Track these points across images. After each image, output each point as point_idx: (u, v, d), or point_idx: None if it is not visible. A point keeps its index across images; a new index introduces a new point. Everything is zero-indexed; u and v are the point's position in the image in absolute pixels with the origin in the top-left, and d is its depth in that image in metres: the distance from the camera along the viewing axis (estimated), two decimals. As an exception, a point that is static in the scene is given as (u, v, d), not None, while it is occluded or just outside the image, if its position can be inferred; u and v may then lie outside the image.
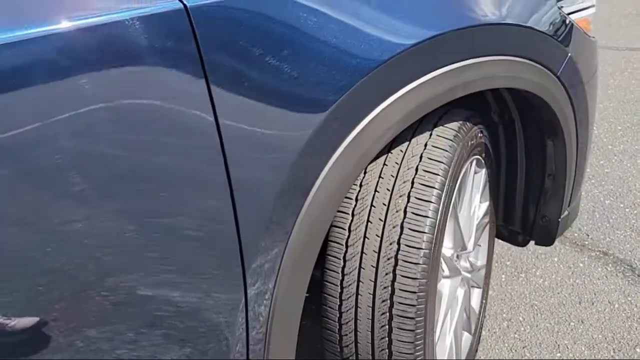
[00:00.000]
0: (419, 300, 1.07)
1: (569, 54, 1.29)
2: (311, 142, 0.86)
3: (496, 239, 1.64)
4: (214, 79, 0.75)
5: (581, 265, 1.88)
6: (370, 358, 1.10)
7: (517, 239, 1.67)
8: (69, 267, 0.69)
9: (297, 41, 0.83)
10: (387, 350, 1.07)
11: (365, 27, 0.91)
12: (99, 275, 0.71)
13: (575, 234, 2.02)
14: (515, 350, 1.55)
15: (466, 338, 1.45)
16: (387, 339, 1.07)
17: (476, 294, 1.52)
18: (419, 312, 1.07)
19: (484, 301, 1.56)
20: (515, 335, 1.61)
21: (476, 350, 1.51)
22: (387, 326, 1.05)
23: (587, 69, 1.38)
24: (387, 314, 1.06)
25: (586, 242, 1.98)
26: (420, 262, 1.06)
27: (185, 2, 0.73)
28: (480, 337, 1.55)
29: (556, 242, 1.88)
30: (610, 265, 1.86)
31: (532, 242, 1.61)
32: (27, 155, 0.64)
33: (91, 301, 0.72)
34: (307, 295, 0.97)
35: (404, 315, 1.05)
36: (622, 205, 2.18)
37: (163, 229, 0.76)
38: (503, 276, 1.85)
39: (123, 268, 0.73)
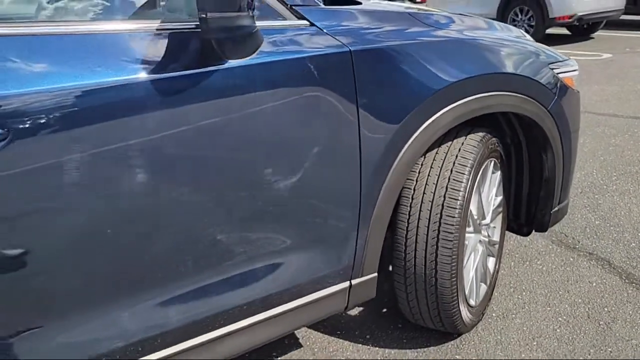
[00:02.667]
0: (454, 236, 1.74)
1: (556, 97, 2.01)
2: (397, 133, 1.59)
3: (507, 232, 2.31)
4: (360, 99, 1.48)
5: (571, 259, 2.52)
6: (423, 267, 1.77)
7: (523, 230, 2.34)
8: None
9: (402, 76, 1.57)
10: (434, 262, 1.75)
11: (431, 69, 1.65)
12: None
13: (569, 240, 2.67)
14: (519, 305, 2.19)
15: (483, 288, 2.10)
16: (435, 253, 1.75)
17: (491, 260, 2.17)
18: (454, 243, 1.75)
19: (497, 267, 2.22)
20: (519, 297, 2.25)
21: (489, 299, 2.16)
22: (437, 243, 1.73)
23: (569, 108, 2.09)
24: (437, 238, 1.74)
25: (576, 246, 2.63)
26: (456, 215, 1.75)
27: (349, 48, 1.48)
28: (493, 291, 2.20)
29: (554, 245, 2.56)
30: (593, 260, 2.50)
31: (535, 242, 2.28)
32: (223, 154, 1.32)
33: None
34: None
35: (447, 236, 1.73)
36: (608, 225, 2.82)
37: (320, 183, 1.48)
38: (512, 262, 2.51)
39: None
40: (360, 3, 1.96)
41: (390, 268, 1.86)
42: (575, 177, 3.43)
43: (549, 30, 9.18)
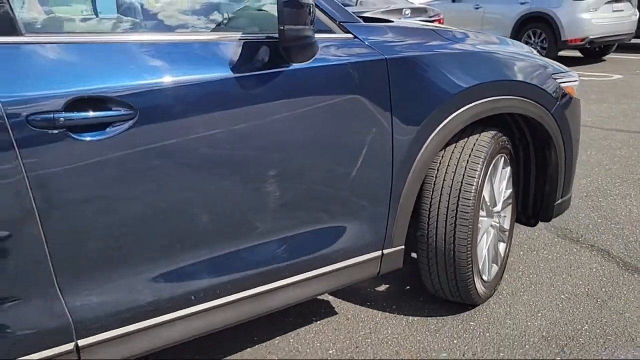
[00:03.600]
0: (469, 217, 2.07)
1: (558, 102, 2.34)
2: (421, 128, 1.93)
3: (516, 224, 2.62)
4: (393, 98, 1.84)
5: (574, 250, 2.82)
6: (443, 243, 2.09)
7: (530, 222, 2.66)
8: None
9: (426, 80, 1.92)
10: (453, 236, 2.07)
11: (450, 76, 2.00)
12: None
13: (573, 235, 2.98)
14: (526, 285, 2.49)
15: (494, 268, 2.42)
16: (453, 231, 2.07)
17: (502, 245, 2.49)
18: (469, 222, 2.08)
19: (507, 251, 2.53)
20: (526, 279, 2.56)
21: (500, 278, 2.47)
22: (455, 221, 2.06)
23: (569, 112, 2.42)
24: (455, 217, 2.07)
25: (580, 239, 2.93)
26: (471, 198, 2.08)
27: (385, 56, 1.83)
28: (503, 272, 2.50)
29: (559, 238, 2.87)
30: (594, 251, 2.80)
31: (542, 236, 2.60)
32: (292, 145, 1.72)
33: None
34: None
35: (464, 216, 2.06)
36: (609, 222, 3.12)
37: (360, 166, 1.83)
38: (521, 252, 2.82)
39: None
40: (392, 21, 2.32)
41: (415, 255, 2.19)
42: (582, 183, 3.75)
43: (562, 53, 9.51)
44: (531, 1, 9.34)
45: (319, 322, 2.28)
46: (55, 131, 1.33)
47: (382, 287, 2.54)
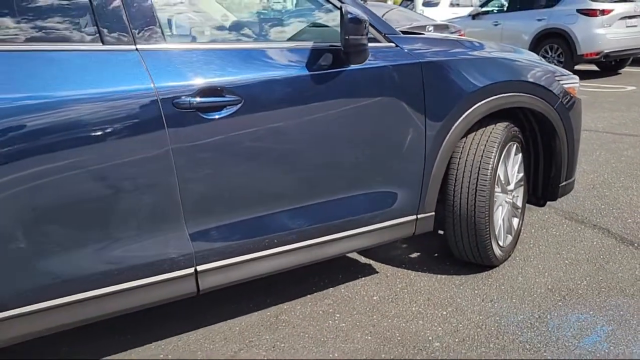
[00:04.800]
0: (487, 189, 2.57)
1: (560, 99, 2.84)
2: (447, 118, 2.45)
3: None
4: (426, 93, 2.37)
5: (579, 229, 3.29)
6: (465, 210, 2.59)
7: (539, 202, 3.15)
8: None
9: (451, 79, 2.45)
10: (474, 205, 2.58)
11: (469, 77, 2.52)
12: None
13: (579, 217, 3.45)
14: (536, 253, 2.97)
15: (509, 238, 2.90)
16: (474, 201, 2.57)
17: (515, 220, 2.97)
18: (487, 193, 2.58)
19: (519, 225, 3.01)
20: (537, 249, 3.03)
21: (514, 247, 2.95)
22: (475, 193, 2.56)
23: (571, 108, 2.91)
24: (475, 190, 2.57)
25: (584, 221, 3.40)
26: (488, 174, 2.59)
27: (419, 60, 2.37)
28: (516, 243, 2.99)
29: (566, 220, 3.35)
30: (596, 229, 3.27)
31: (551, 218, 3.08)
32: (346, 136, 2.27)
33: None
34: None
35: (482, 190, 2.56)
36: (611, 208, 3.58)
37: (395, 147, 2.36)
38: (532, 230, 3.30)
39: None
40: (423, 34, 2.86)
41: (442, 232, 2.69)
42: (589, 177, 4.21)
43: (579, 67, 9.95)
44: (548, 18, 9.82)
45: (363, 278, 2.79)
46: (190, 111, 1.88)
47: (415, 255, 3.04)
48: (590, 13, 9.35)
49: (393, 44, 2.37)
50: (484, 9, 11.36)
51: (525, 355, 2.15)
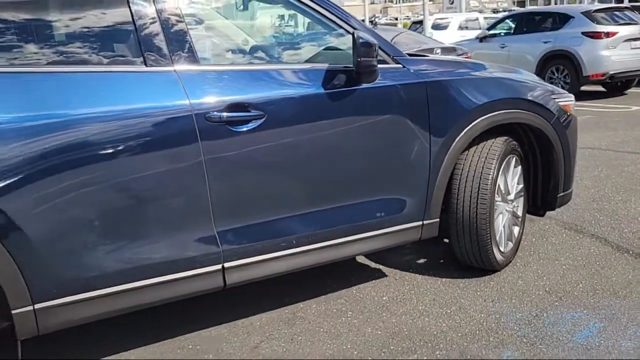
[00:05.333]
0: (487, 198, 2.80)
1: (556, 116, 3.07)
2: (450, 132, 2.69)
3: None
4: (430, 110, 2.62)
5: (577, 237, 3.49)
6: (468, 218, 2.81)
7: (539, 212, 3.36)
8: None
9: (453, 97, 2.70)
10: (475, 213, 2.79)
11: (470, 95, 2.77)
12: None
13: (578, 227, 3.65)
14: (535, 259, 3.17)
15: (510, 244, 3.11)
16: (476, 208, 2.79)
17: (516, 229, 3.19)
18: (487, 202, 2.80)
19: (520, 233, 3.21)
20: (536, 255, 3.23)
21: (514, 253, 3.15)
22: (476, 201, 2.79)
23: (566, 124, 3.13)
24: (477, 199, 2.79)
25: (583, 231, 3.60)
26: (488, 184, 2.81)
27: (424, 80, 2.62)
28: (517, 249, 3.19)
29: (566, 230, 3.55)
30: (594, 238, 3.46)
31: (551, 228, 3.29)
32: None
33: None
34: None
35: (483, 198, 2.78)
36: (609, 220, 3.78)
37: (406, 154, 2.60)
38: (533, 238, 3.50)
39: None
40: (428, 56, 3.12)
41: (447, 240, 2.91)
42: (590, 191, 4.41)
43: (585, 88, 10.17)
44: (554, 40, 10.08)
45: (373, 281, 3.01)
46: (220, 124, 2.14)
47: (421, 260, 3.26)
48: (595, 35, 9.60)
49: (400, 65, 2.63)
50: (491, 31, 11.64)
51: (522, 347, 2.34)
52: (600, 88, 10.76)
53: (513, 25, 11.44)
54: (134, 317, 2.50)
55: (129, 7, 2.09)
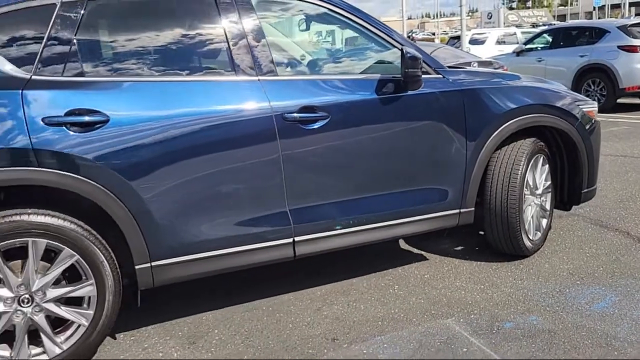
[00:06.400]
0: (517, 190, 3.22)
1: (579, 120, 3.47)
2: (483, 133, 3.14)
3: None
4: (466, 114, 3.07)
5: (602, 231, 3.85)
6: (500, 208, 3.23)
7: (565, 207, 3.75)
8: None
9: (486, 103, 3.14)
10: (506, 203, 3.22)
11: (501, 101, 3.21)
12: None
13: (603, 222, 4.00)
14: (562, 248, 3.55)
15: (538, 234, 3.51)
16: (506, 199, 3.21)
17: (544, 221, 3.58)
18: (517, 194, 3.22)
19: (548, 225, 3.60)
20: (563, 245, 3.62)
21: (542, 242, 3.55)
22: (507, 193, 3.21)
23: (590, 128, 3.53)
24: (507, 191, 3.21)
25: (607, 226, 3.95)
26: (518, 179, 3.24)
27: (461, 88, 3.09)
28: (545, 240, 3.58)
29: (591, 225, 3.93)
30: (617, 232, 3.82)
31: (577, 223, 3.68)
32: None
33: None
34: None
35: (513, 191, 3.20)
36: (633, 217, 4.11)
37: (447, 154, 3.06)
38: (561, 232, 3.88)
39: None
40: (464, 68, 3.57)
41: (482, 232, 3.34)
42: (618, 193, 4.74)
43: (621, 100, 10.36)
44: (590, 54, 10.33)
45: (416, 263, 3.45)
46: (293, 122, 2.64)
47: (459, 247, 3.68)
48: (631, 49, 9.82)
49: (440, 75, 3.09)
50: (528, 46, 11.96)
51: (545, 314, 2.75)
52: (636, 100, 10.94)
53: (550, 40, 11.72)
54: (216, 282, 3.01)
55: (224, 29, 2.63)
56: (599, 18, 49.00)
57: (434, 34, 46.66)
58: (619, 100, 10.24)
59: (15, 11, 2.30)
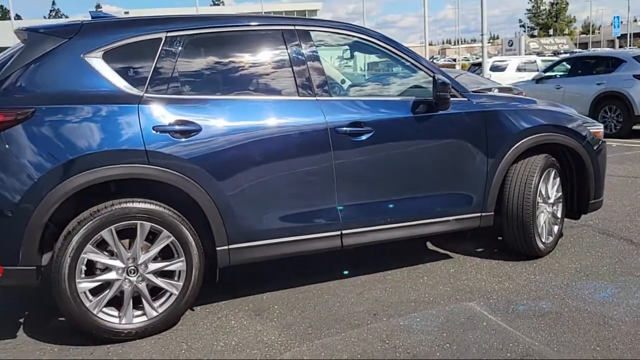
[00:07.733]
0: (531, 198, 3.74)
1: (587, 139, 4.00)
2: (501, 149, 3.69)
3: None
4: (488, 133, 3.63)
5: (609, 239, 4.34)
6: (516, 212, 3.75)
7: (575, 215, 4.26)
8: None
9: (504, 123, 3.70)
10: (522, 209, 3.74)
11: (517, 122, 3.77)
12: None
13: (610, 232, 4.48)
14: (572, 252, 4.04)
15: (550, 238, 4.01)
16: (522, 205, 3.73)
17: (556, 227, 4.08)
18: (531, 201, 3.74)
19: (559, 230, 4.10)
20: (572, 249, 4.11)
21: (554, 246, 4.04)
22: (522, 200, 3.73)
23: (597, 147, 4.05)
24: (522, 198, 3.74)
25: (613, 234, 4.43)
26: (532, 188, 3.77)
27: (483, 109, 3.65)
28: (556, 244, 4.08)
29: (598, 234, 4.42)
30: (622, 240, 4.30)
31: (586, 232, 4.18)
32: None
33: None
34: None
35: (527, 199, 3.73)
36: (638, 228, 4.59)
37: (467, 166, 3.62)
38: (572, 238, 4.37)
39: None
40: (486, 92, 4.14)
41: (501, 238, 3.86)
42: (626, 209, 5.21)
43: (637, 127, 10.79)
44: (607, 82, 10.82)
45: (443, 260, 3.97)
46: (344, 135, 3.22)
47: (480, 249, 4.20)
48: (646, 78, 10.29)
49: (466, 99, 3.65)
50: (547, 73, 12.48)
51: (554, 300, 3.24)
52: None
53: (568, 68, 12.23)
54: (272, 268, 3.57)
55: (289, 55, 3.24)
56: (620, 46, 49.36)
57: (454, 60, 47.34)
58: (634, 127, 10.67)
59: (133, 43, 2.94)
